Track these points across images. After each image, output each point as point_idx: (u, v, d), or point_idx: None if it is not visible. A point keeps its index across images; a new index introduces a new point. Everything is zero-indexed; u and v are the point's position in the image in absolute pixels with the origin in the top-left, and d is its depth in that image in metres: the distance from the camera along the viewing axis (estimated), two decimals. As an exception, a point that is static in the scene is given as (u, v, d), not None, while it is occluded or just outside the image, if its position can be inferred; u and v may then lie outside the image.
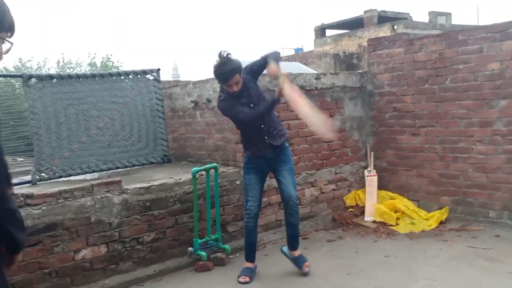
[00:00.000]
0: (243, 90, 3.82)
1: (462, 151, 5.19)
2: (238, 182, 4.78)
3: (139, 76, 5.50)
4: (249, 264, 4.02)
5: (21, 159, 6.32)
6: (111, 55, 24.20)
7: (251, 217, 3.95)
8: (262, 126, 3.86)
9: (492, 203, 5.00)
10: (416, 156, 5.58)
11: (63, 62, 23.85)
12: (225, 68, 3.68)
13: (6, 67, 21.57)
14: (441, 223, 5.16)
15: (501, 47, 4.79)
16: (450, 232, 4.91)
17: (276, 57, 3.79)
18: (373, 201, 5.52)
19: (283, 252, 4.21)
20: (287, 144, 4.05)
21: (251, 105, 3.84)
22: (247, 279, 3.89)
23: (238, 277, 3.92)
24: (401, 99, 5.66)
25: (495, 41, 4.83)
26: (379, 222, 5.32)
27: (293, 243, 4.09)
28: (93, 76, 5.38)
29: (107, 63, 24.10)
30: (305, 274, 3.95)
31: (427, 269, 3.94)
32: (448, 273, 3.82)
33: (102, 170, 5.03)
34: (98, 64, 23.96)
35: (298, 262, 4.04)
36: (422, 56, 5.42)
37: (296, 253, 4.09)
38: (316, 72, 5.82)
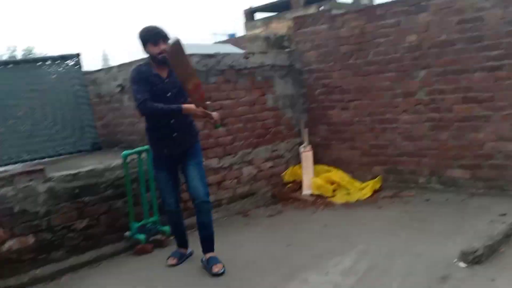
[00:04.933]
0: (169, 75, 3.54)
1: (389, 122, 5.38)
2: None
3: (58, 62, 5.22)
4: (181, 249, 3.91)
5: None
6: (33, 47, 22.51)
7: (173, 214, 3.78)
8: (173, 119, 3.52)
9: (421, 170, 5.23)
10: (347, 130, 5.73)
11: None
12: (158, 28, 3.50)
13: None
14: (375, 191, 5.34)
15: (417, 19, 4.98)
16: (384, 199, 5.09)
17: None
18: (309, 176, 5.61)
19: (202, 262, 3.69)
20: (198, 141, 3.75)
21: (168, 94, 3.50)
22: (174, 261, 3.78)
23: (167, 259, 3.82)
24: (328, 75, 5.77)
25: (411, 14, 5.01)
26: (317, 195, 5.41)
27: (206, 246, 3.65)
28: (6, 63, 5.07)
29: (29, 55, 22.61)
30: (214, 275, 3.47)
31: (363, 234, 4.07)
32: (383, 237, 3.95)
33: (25, 161, 4.73)
34: (19, 58, 22.47)
35: (209, 262, 3.56)
36: (345, 32, 5.55)
37: (210, 254, 3.62)
38: (244, 51, 5.82)
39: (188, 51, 5.05)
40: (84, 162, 4.53)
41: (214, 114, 3.57)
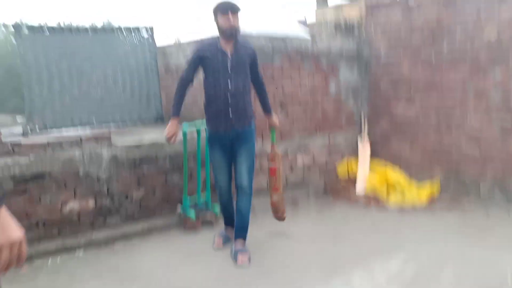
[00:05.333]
0: (234, 52, 3.58)
1: (456, 121, 5.11)
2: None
3: (132, 32, 5.40)
4: (228, 228, 4.01)
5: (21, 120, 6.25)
6: (111, 20, 23.29)
7: (223, 194, 3.83)
8: (230, 96, 3.55)
9: (484, 178, 4.95)
10: (410, 126, 5.52)
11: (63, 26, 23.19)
12: (230, 2, 3.54)
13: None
14: (433, 195, 5.14)
15: (498, 12, 4.64)
16: (440, 204, 4.90)
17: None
18: (365, 171, 5.49)
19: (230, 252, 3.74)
20: (252, 123, 3.76)
21: (229, 69, 3.54)
22: (220, 244, 3.89)
23: (214, 237, 3.96)
24: (397, 66, 5.54)
25: (493, 5, 4.67)
26: (370, 192, 5.30)
27: (237, 233, 3.70)
28: (86, 29, 5.28)
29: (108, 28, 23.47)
30: (238, 266, 3.52)
31: (413, 238, 3.96)
32: (434, 243, 3.83)
33: (94, 125, 4.99)
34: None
35: (236, 253, 3.59)
36: (419, 21, 5.28)
37: (239, 243, 3.68)
38: (313, 34, 5.70)
39: (256, 32, 5.09)
40: (147, 133, 4.72)
41: (274, 118, 3.93)
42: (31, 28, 4.92)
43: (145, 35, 5.47)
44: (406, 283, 3.14)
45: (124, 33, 5.38)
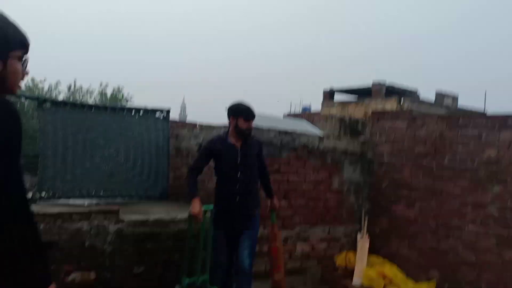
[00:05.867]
0: (242, 146, 3.96)
1: (454, 228, 5.26)
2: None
3: (149, 113, 5.67)
4: None
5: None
6: (122, 87, 24.01)
7: (220, 275, 3.94)
8: (238, 185, 3.89)
9: (479, 283, 5.00)
10: (409, 227, 5.65)
11: (74, 87, 23.80)
12: (251, 107, 3.98)
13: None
14: (427, 296, 5.12)
15: (499, 136, 4.99)
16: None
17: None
18: (362, 265, 5.50)
19: None
20: (258, 211, 4.06)
21: (238, 161, 3.90)
22: None
23: None
24: (399, 170, 5.80)
25: (494, 129, 5.03)
26: (367, 286, 5.29)
27: None
28: (105, 108, 5.55)
29: (117, 95, 24.20)
30: None
31: None
32: None
33: (101, 198, 5.07)
34: (109, 95, 23.96)
35: None
36: (423, 133, 5.63)
37: None
38: (320, 132, 6.02)
39: (266, 122, 5.37)
40: (153, 209, 4.81)
41: (275, 201, 4.28)
42: (53, 103, 5.17)
43: (161, 116, 5.73)
44: None
45: (141, 113, 5.65)
